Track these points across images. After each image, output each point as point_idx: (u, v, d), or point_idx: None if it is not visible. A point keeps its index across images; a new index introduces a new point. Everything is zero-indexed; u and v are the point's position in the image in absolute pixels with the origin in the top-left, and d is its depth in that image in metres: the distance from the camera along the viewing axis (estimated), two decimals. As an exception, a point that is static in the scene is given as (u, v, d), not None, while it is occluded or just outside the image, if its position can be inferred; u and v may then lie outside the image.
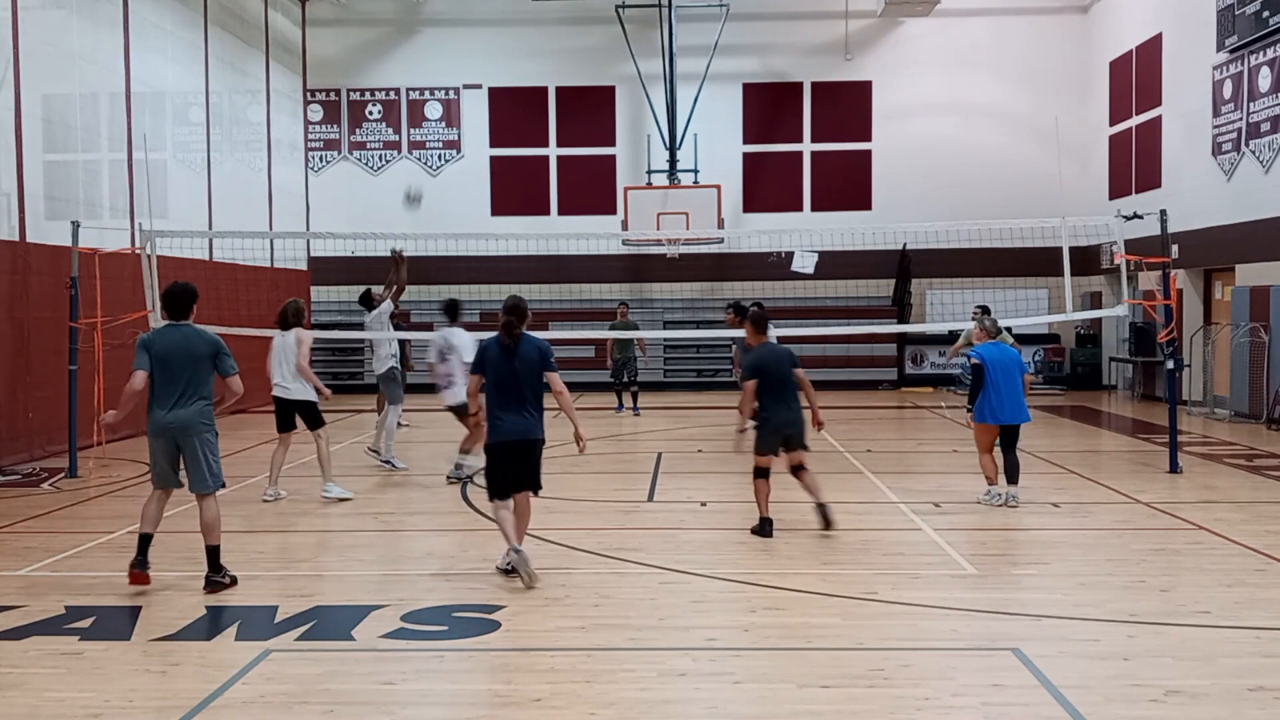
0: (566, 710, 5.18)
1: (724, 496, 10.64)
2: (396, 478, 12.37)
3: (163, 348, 7.37)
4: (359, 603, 6.96)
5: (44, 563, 8.14)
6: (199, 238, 17.57)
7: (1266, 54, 16.63)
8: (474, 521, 9.67)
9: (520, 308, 7.48)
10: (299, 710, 5.21)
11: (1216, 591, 7.13)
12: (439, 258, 21.92)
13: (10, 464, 12.74)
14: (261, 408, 20.16)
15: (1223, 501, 10.35)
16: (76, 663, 5.89)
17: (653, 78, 22.97)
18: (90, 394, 12.72)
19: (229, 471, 12.59)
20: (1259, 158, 16.88)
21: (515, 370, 7.36)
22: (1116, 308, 14.12)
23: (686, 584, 7.43)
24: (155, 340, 7.50)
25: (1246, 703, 5.20)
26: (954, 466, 12.47)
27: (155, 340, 7.50)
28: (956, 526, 9.16)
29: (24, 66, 13.36)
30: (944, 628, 6.40)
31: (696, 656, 5.91)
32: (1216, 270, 18.79)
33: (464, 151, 24.60)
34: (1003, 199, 22.76)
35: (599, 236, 18.42)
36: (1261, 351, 16.31)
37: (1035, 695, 5.29)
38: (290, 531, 9.47)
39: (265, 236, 20.22)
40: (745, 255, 23.07)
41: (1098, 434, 16.06)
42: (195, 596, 7.13)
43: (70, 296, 12.36)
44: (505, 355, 7.39)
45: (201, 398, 7.47)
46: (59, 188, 14.92)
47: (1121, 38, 22.08)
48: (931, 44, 24.06)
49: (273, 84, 21.92)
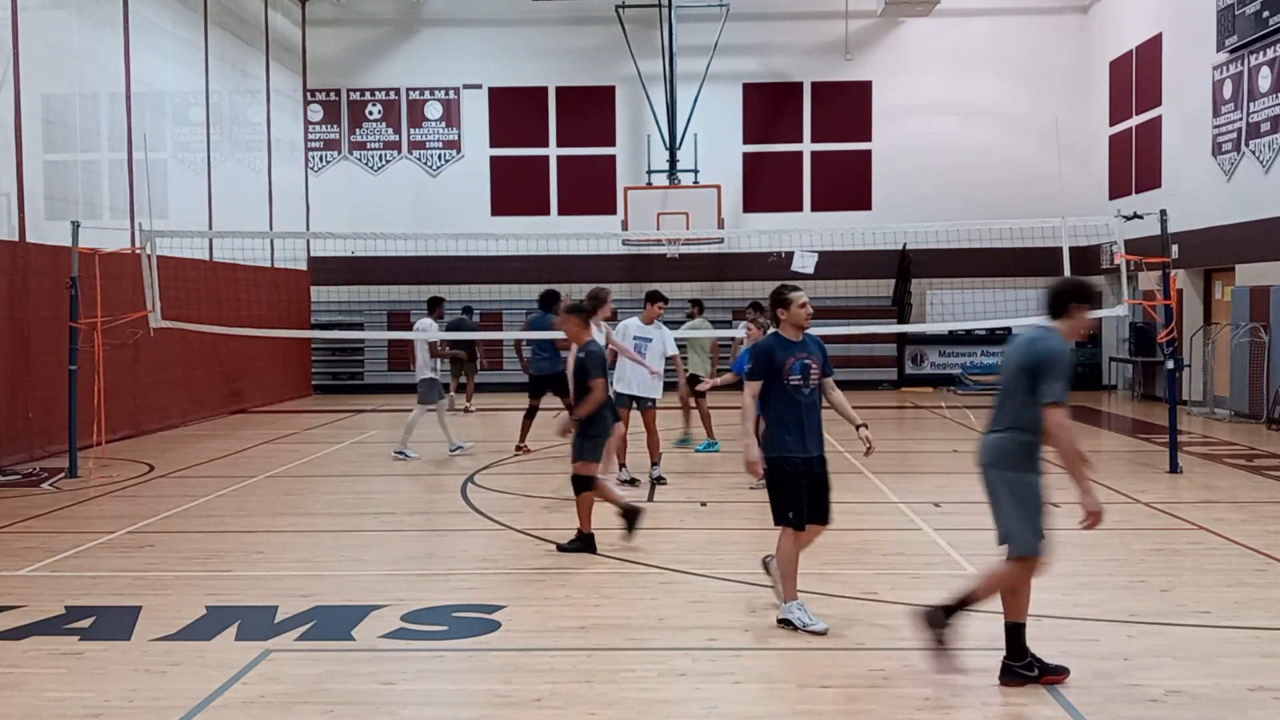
0: (566, 710, 5.18)
1: (724, 496, 10.64)
2: (395, 479, 12.36)
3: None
4: (359, 603, 6.95)
5: (44, 563, 8.14)
6: (199, 238, 17.57)
7: (1266, 54, 16.63)
8: (474, 521, 9.68)
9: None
10: (299, 710, 5.21)
11: (1216, 591, 7.12)
12: (439, 258, 21.94)
13: (10, 464, 12.74)
14: (262, 407, 20.21)
15: (1223, 501, 10.35)
16: (76, 663, 5.89)
17: (653, 78, 22.97)
18: (90, 394, 12.72)
19: (229, 471, 12.69)
20: (1259, 158, 16.88)
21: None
22: (1116, 308, 14.13)
23: (686, 584, 7.43)
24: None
25: (1246, 703, 5.20)
26: (954, 466, 12.46)
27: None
28: (956, 526, 9.16)
29: (24, 66, 13.36)
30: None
31: (696, 656, 5.91)
32: (1216, 270, 18.78)
33: (464, 151, 24.60)
34: (1003, 199, 22.76)
35: (599, 236, 18.41)
36: (1261, 351, 16.30)
37: (1035, 695, 5.29)
38: (291, 531, 9.47)
39: (265, 236, 20.22)
40: (745, 255, 23.06)
41: (1098, 434, 16.05)
42: (195, 596, 7.13)
43: (70, 296, 12.35)
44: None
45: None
46: (59, 188, 14.92)
47: (1121, 38, 22.08)
48: (931, 44, 24.05)
49: (273, 84, 21.92)
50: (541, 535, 8.95)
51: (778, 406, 6.41)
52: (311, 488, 11.75)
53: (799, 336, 6.50)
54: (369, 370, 24.48)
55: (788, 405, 6.39)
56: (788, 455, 6.35)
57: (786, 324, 6.49)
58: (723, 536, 9.04)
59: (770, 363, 6.40)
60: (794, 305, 6.45)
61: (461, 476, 11.98)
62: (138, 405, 15.84)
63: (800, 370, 6.38)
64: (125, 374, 15.22)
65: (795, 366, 6.37)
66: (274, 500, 10.82)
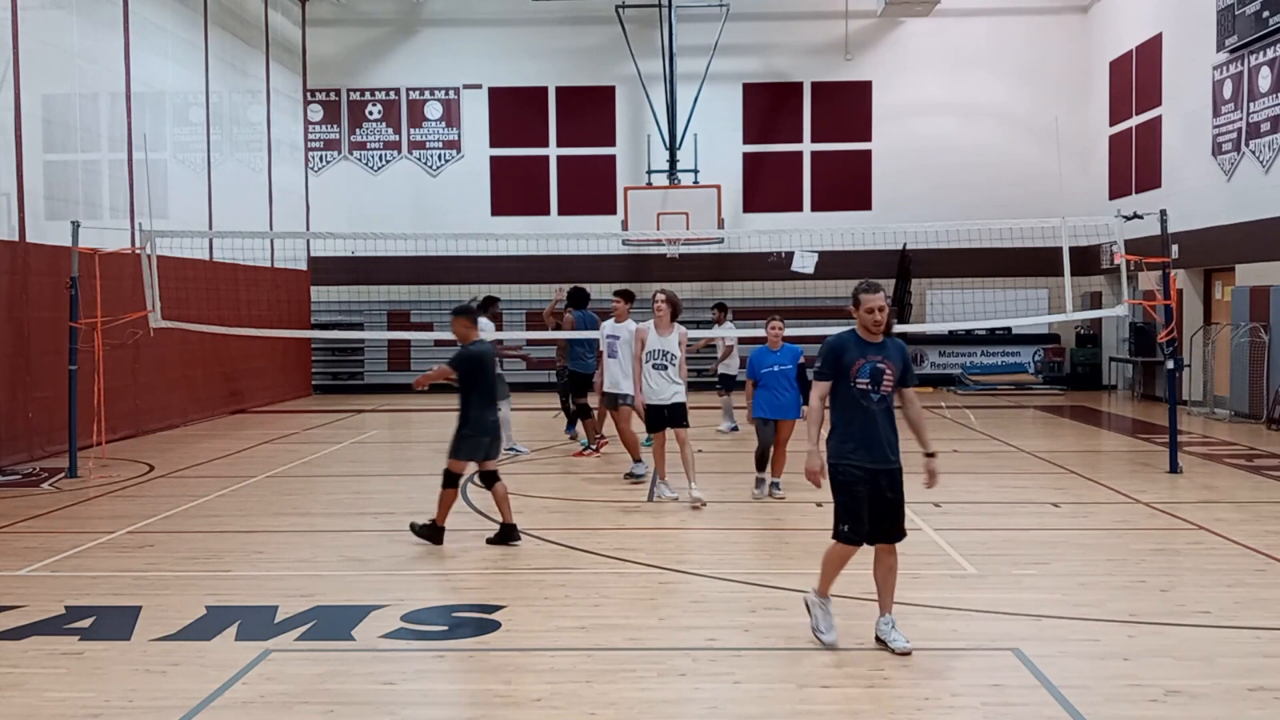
0: (566, 710, 5.18)
1: (724, 496, 10.64)
2: (395, 479, 12.36)
3: None
4: (359, 603, 6.95)
5: (44, 563, 8.14)
6: (199, 238, 17.58)
7: (1266, 54, 16.63)
8: (474, 521, 9.68)
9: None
10: (299, 710, 5.21)
11: (1216, 591, 7.12)
12: (439, 258, 21.96)
13: (10, 464, 12.74)
14: (262, 407, 20.21)
15: (1223, 501, 10.35)
16: (76, 663, 5.89)
17: (653, 78, 22.97)
18: (90, 394, 12.72)
19: (229, 471, 12.68)
20: (1259, 158, 16.88)
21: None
22: (1116, 308, 14.12)
23: (686, 584, 7.43)
24: None
25: (1246, 703, 5.20)
26: (954, 466, 12.45)
27: None
28: (956, 526, 9.16)
29: (24, 66, 13.35)
30: (944, 628, 6.40)
31: (696, 656, 5.91)
32: (1216, 270, 18.78)
33: (464, 151, 24.60)
34: (1003, 199, 22.76)
35: (599, 236, 18.42)
36: (1261, 351, 16.30)
37: (1035, 695, 5.29)
38: (291, 531, 9.47)
39: (265, 236, 20.23)
40: (745, 255, 23.07)
41: (1098, 434, 16.06)
42: (195, 596, 7.13)
43: (70, 296, 12.35)
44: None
45: None
46: (59, 188, 14.92)
47: (1121, 38, 22.07)
48: (931, 44, 24.05)
49: (273, 84, 21.93)
50: (541, 535, 8.95)
51: (842, 411, 5.92)
52: (311, 488, 11.75)
53: (877, 337, 5.94)
54: (369, 370, 24.48)
55: (853, 410, 5.87)
56: (846, 463, 5.86)
57: (859, 324, 5.97)
58: (723, 537, 9.04)
59: (839, 362, 5.89)
60: (862, 308, 5.92)
61: (461, 477, 11.96)
62: (138, 405, 15.84)
63: (870, 374, 5.84)
64: (125, 374, 15.22)
65: (865, 369, 5.84)
66: (274, 500, 10.82)
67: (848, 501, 5.87)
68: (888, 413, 5.90)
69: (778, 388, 10.22)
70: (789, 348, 10.44)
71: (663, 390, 10.32)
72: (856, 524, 5.85)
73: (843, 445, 5.90)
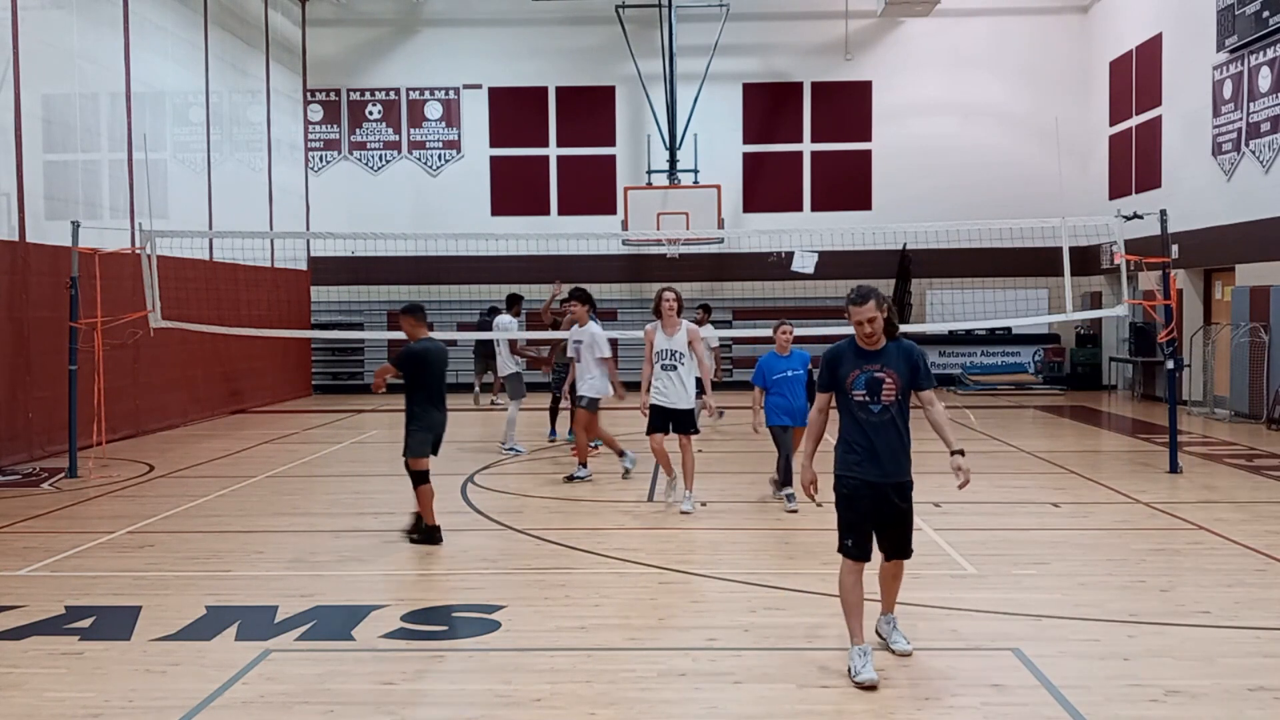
0: (566, 710, 5.18)
1: (724, 496, 10.64)
2: (395, 479, 12.36)
3: None
4: (359, 603, 6.95)
5: (44, 563, 8.14)
6: (199, 238, 17.58)
7: (1266, 54, 16.63)
8: (474, 521, 9.68)
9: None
10: (299, 710, 5.21)
11: (1216, 591, 7.12)
12: (439, 258, 21.95)
13: (10, 464, 12.74)
14: (261, 407, 20.20)
15: (1223, 501, 10.35)
16: (76, 663, 5.89)
17: (653, 78, 22.97)
18: (90, 394, 12.72)
19: (229, 471, 12.68)
20: (1259, 158, 16.88)
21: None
22: (1116, 308, 14.12)
23: (686, 584, 7.43)
24: None
25: (1246, 703, 5.20)
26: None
27: None
28: (956, 526, 9.16)
29: (24, 66, 13.36)
30: (944, 628, 6.39)
31: (696, 656, 5.91)
32: (1216, 270, 18.78)
33: (464, 151, 24.60)
34: (1003, 199, 22.77)
35: (599, 236, 18.42)
36: (1261, 351, 16.30)
37: (1035, 695, 5.29)
38: (291, 531, 9.47)
39: (265, 236, 20.23)
40: (745, 255, 23.08)
41: (1098, 434, 16.06)
42: (195, 596, 7.13)
43: (70, 296, 12.36)
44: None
45: None
46: (59, 188, 14.92)
47: (1121, 38, 22.08)
48: (931, 44, 24.05)
49: (273, 84, 21.93)
50: (541, 535, 8.95)
51: (843, 423, 5.71)
52: (311, 488, 11.75)
53: (875, 346, 5.69)
54: (369, 370, 24.47)
55: (855, 422, 5.64)
56: (849, 475, 5.64)
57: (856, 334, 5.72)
58: (723, 536, 9.04)
59: (835, 374, 5.70)
60: (851, 318, 5.67)
61: (461, 477, 11.98)
62: (138, 405, 15.84)
63: (866, 385, 5.59)
64: (125, 374, 15.22)
65: (860, 380, 5.60)
66: (274, 500, 10.83)
67: (849, 516, 5.65)
68: (893, 423, 5.64)
69: (792, 394, 10.07)
70: (798, 353, 10.35)
71: (669, 393, 10.03)
72: (857, 537, 5.64)
73: (847, 456, 5.68)
